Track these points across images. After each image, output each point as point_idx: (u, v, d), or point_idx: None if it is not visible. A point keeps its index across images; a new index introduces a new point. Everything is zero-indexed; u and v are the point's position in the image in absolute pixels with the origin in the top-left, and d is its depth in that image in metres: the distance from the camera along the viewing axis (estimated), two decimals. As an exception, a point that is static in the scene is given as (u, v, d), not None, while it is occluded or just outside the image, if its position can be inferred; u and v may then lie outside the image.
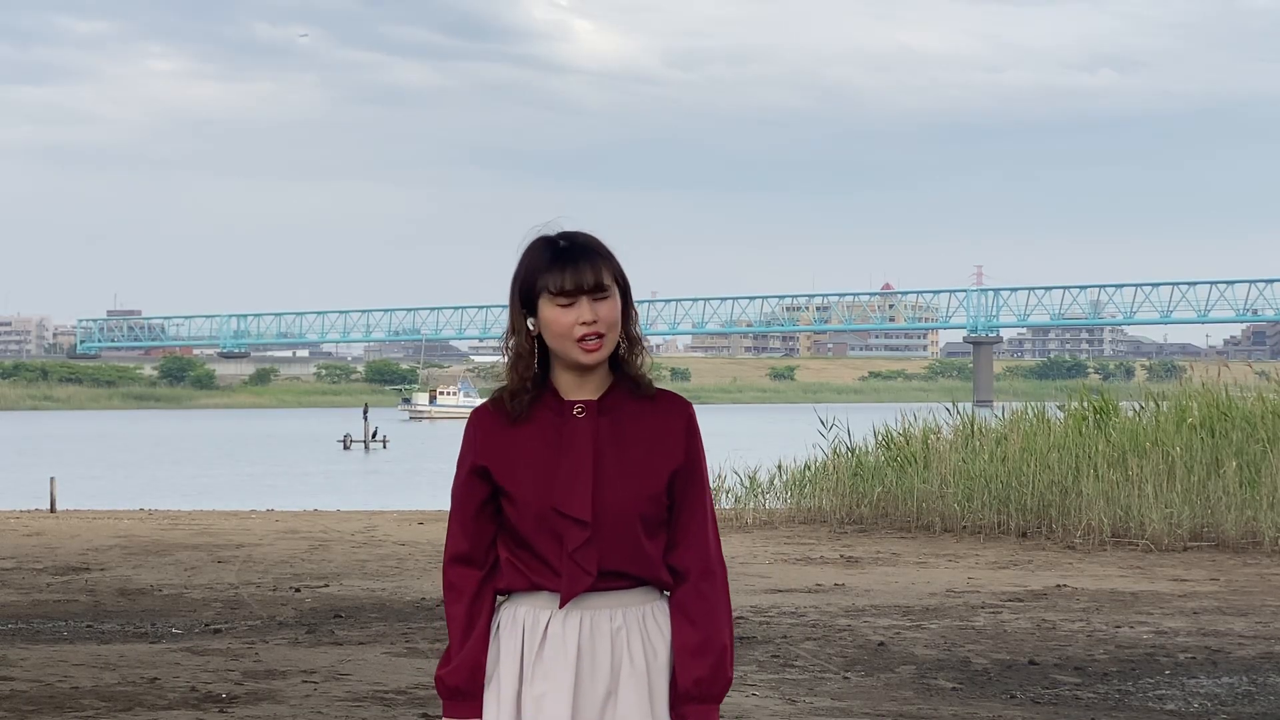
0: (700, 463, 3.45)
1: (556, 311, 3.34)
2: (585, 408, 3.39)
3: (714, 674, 3.38)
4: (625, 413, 3.40)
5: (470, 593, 3.43)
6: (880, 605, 12.89)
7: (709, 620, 3.39)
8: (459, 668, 3.44)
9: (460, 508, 3.45)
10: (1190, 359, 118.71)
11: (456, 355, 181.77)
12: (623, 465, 3.37)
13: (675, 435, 3.41)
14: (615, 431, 3.39)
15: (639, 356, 3.42)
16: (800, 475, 21.29)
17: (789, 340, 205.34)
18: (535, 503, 3.35)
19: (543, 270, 3.36)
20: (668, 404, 3.43)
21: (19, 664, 10.00)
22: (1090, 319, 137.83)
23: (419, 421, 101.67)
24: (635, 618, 3.38)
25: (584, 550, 3.33)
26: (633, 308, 3.42)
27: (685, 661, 3.37)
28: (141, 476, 40.79)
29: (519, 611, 3.40)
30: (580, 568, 3.33)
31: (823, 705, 8.84)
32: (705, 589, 3.40)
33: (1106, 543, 17.30)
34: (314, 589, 13.96)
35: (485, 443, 3.42)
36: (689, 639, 3.38)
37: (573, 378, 3.40)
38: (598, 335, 3.33)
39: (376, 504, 28.12)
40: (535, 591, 3.38)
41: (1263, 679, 9.75)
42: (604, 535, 3.34)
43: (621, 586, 3.37)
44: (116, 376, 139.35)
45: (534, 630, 3.38)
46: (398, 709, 8.64)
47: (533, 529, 3.36)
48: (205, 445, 62.36)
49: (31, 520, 21.97)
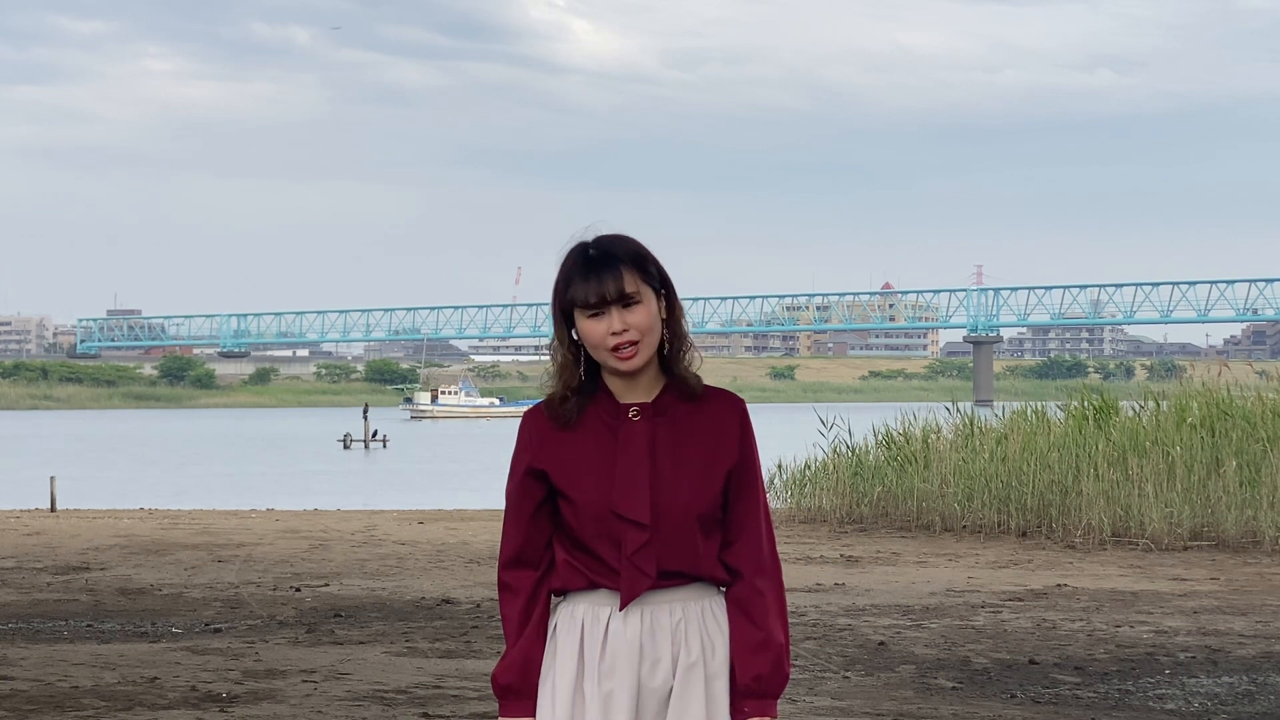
0: (754, 460, 3.45)
1: (588, 324, 3.34)
2: (640, 410, 3.39)
3: (774, 670, 3.40)
4: (680, 413, 3.40)
5: (526, 593, 3.43)
6: (880, 605, 12.89)
7: (766, 617, 3.40)
8: (510, 665, 3.42)
9: (516, 510, 3.44)
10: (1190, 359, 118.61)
11: (457, 355, 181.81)
12: (679, 466, 3.37)
13: (730, 434, 3.41)
14: (671, 433, 3.39)
15: (685, 354, 3.41)
16: (800, 475, 21.31)
17: (789, 340, 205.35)
18: (594, 506, 3.35)
19: (573, 283, 3.36)
20: (720, 402, 3.43)
21: (19, 664, 10.00)
22: (1090, 319, 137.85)
23: (421, 421, 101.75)
24: (694, 613, 3.39)
25: (643, 553, 3.34)
26: (678, 305, 3.41)
27: (745, 658, 3.39)
28: (141, 476, 40.79)
29: (577, 610, 3.40)
30: (639, 570, 3.34)
31: (823, 705, 8.84)
32: (762, 586, 3.42)
33: (1106, 542, 17.30)
34: (314, 588, 13.96)
35: (541, 445, 3.41)
36: (748, 636, 3.40)
37: (622, 382, 3.40)
38: (631, 343, 3.33)
39: (376, 504, 28.12)
40: (594, 590, 3.39)
41: (1263, 678, 9.75)
42: (663, 537, 3.35)
43: (679, 584, 3.39)
44: (116, 376, 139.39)
45: (594, 628, 3.38)
46: (398, 709, 8.64)
47: (591, 532, 3.36)
48: (205, 445, 62.36)
49: (31, 520, 21.97)
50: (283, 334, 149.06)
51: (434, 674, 9.70)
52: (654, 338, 3.36)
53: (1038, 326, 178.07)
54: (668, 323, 3.39)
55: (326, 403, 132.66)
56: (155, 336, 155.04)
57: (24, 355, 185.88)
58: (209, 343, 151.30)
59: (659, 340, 3.37)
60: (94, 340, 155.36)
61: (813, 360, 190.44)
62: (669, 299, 3.39)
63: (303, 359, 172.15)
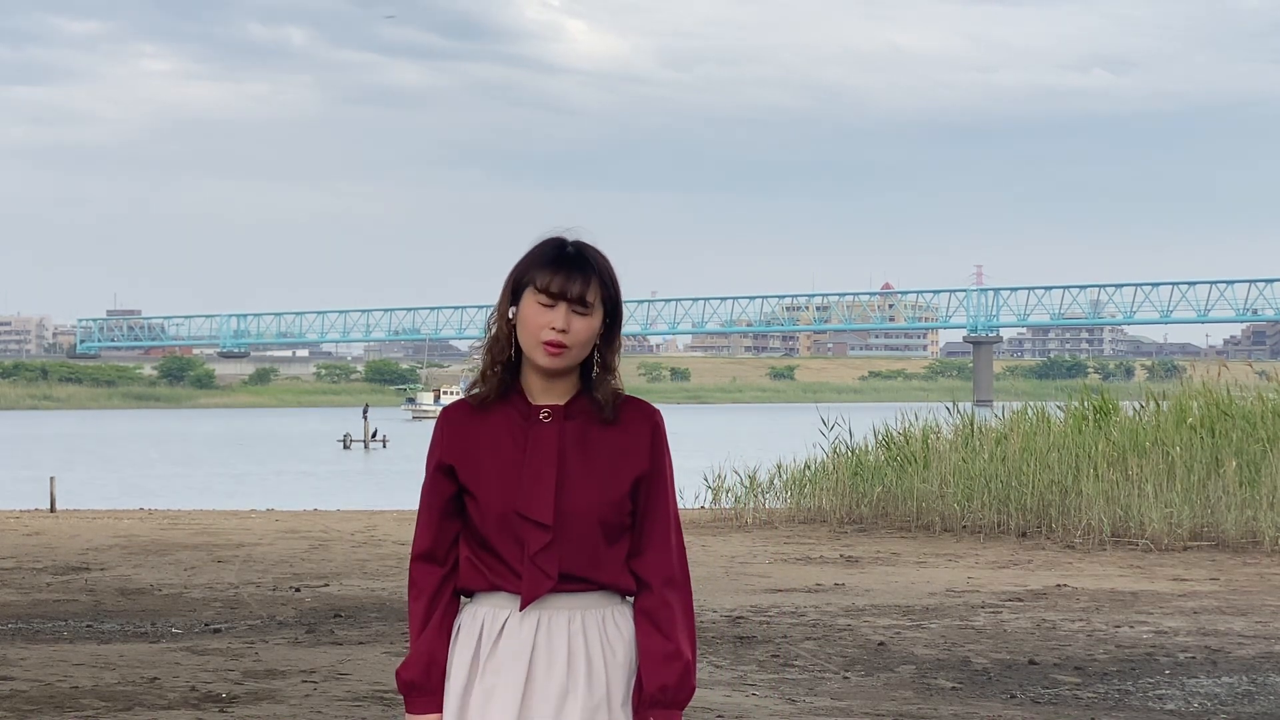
0: (665, 470, 3.45)
1: (535, 308, 3.36)
2: (552, 412, 3.41)
3: (680, 681, 3.40)
4: (591, 419, 3.42)
5: (431, 590, 3.45)
6: (880, 605, 12.89)
7: (674, 629, 3.41)
8: (413, 661, 3.44)
9: (427, 505, 3.47)
10: (1190, 359, 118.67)
11: (457, 355, 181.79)
12: (586, 470, 3.38)
13: (640, 442, 3.42)
14: (580, 437, 3.40)
15: (607, 383, 3.42)
16: (800, 475, 21.29)
17: (789, 340, 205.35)
18: (497, 504, 3.37)
19: (539, 266, 3.38)
20: (634, 410, 3.44)
21: (19, 664, 10.00)
22: (1090, 319, 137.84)
23: (422, 421, 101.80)
24: (594, 620, 3.40)
25: (545, 554, 3.35)
26: (618, 338, 3.44)
27: (651, 668, 3.40)
28: (141, 476, 40.79)
29: (479, 611, 3.42)
30: (541, 571, 3.35)
31: (823, 705, 8.84)
32: (670, 597, 3.42)
33: (1106, 542, 17.30)
34: (314, 589, 13.96)
35: (452, 441, 3.43)
36: (655, 646, 3.40)
37: (540, 381, 3.41)
38: (563, 345, 3.35)
39: (376, 504, 28.13)
40: (495, 592, 3.41)
41: (1263, 679, 9.75)
42: (565, 539, 3.36)
43: (581, 590, 3.39)
44: (116, 376, 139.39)
45: (491, 628, 3.40)
46: (397, 709, 8.63)
47: (494, 530, 3.38)
48: (205, 445, 62.36)
49: (31, 520, 21.97)
50: (283, 334, 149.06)
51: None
52: (583, 352, 3.38)
53: (1037, 327, 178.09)
54: (600, 348, 3.41)
55: (326, 403, 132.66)
56: (155, 337, 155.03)
57: (24, 355, 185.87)
58: (209, 343, 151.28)
59: (586, 356, 3.39)
60: (94, 340, 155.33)
61: (812, 360, 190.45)
62: (611, 328, 3.41)
63: (303, 359, 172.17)
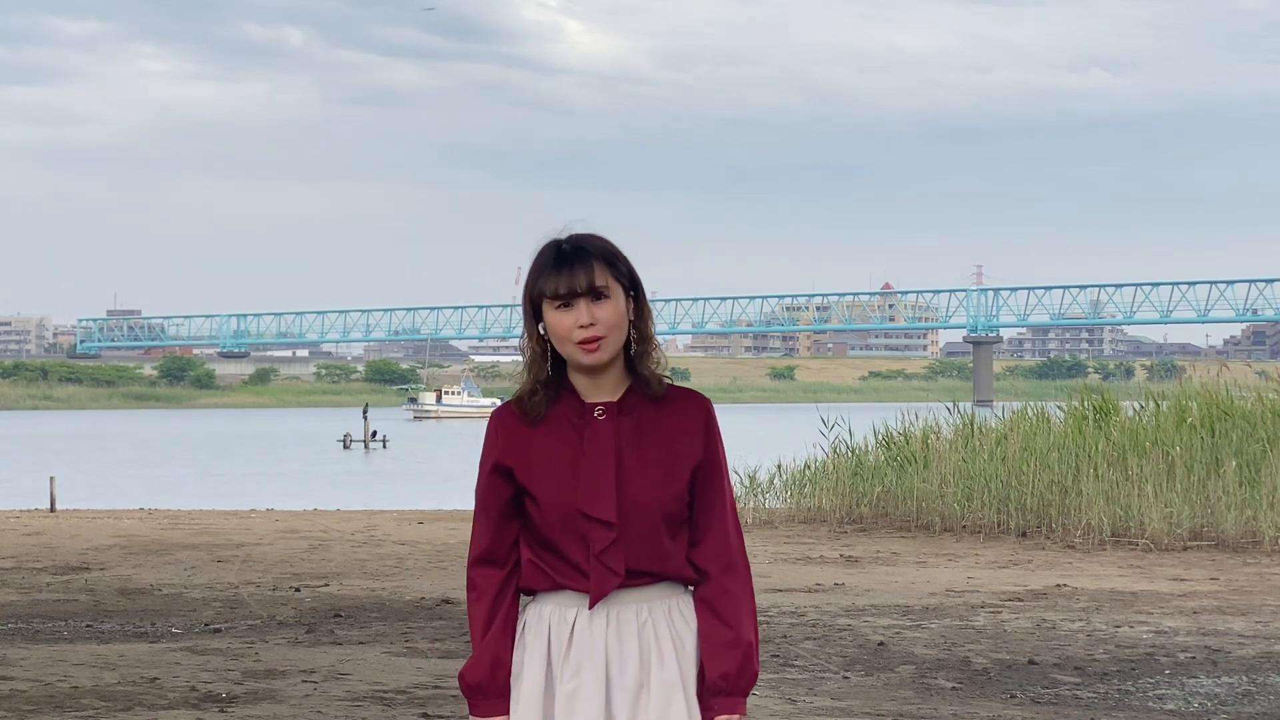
0: (720, 459, 3.47)
1: (556, 315, 3.36)
2: (605, 409, 3.41)
3: (742, 668, 3.41)
4: (645, 412, 3.42)
5: (492, 592, 3.44)
6: (880, 605, 12.89)
7: (735, 615, 3.42)
8: (477, 663, 3.43)
9: (484, 508, 3.46)
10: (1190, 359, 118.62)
11: (457, 355, 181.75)
12: (644, 465, 3.39)
13: (695, 432, 3.43)
14: (636, 431, 3.41)
15: (651, 355, 3.43)
16: (800, 475, 21.29)
17: (789, 340, 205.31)
18: (559, 504, 3.37)
19: (543, 275, 3.39)
20: (686, 401, 3.46)
21: (19, 664, 10.00)
22: (1090, 319, 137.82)
23: (424, 421, 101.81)
24: (662, 612, 3.41)
25: (610, 551, 3.35)
26: (646, 306, 3.44)
27: (713, 656, 3.41)
28: (141, 476, 40.79)
29: (544, 611, 3.42)
30: (608, 569, 3.35)
31: (823, 705, 8.84)
32: (730, 584, 3.43)
33: (1106, 542, 17.30)
34: (314, 589, 13.96)
35: (508, 443, 3.43)
36: (716, 634, 3.41)
37: (587, 380, 3.42)
38: (597, 337, 3.35)
39: (376, 504, 28.13)
40: (559, 591, 3.40)
41: (1263, 679, 9.75)
42: (629, 535, 3.36)
43: (646, 583, 3.40)
44: (116, 376, 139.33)
45: (560, 629, 3.39)
46: (397, 709, 8.64)
47: (557, 530, 3.38)
48: (205, 445, 62.35)
49: (31, 520, 21.97)
50: (282, 334, 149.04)
51: (434, 674, 9.70)
52: (620, 334, 3.38)
53: (1037, 327, 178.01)
54: (635, 323, 3.41)
55: (326, 403, 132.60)
56: (155, 337, 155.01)
57: (24, 355, 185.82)
58: (209, 343, 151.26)
59: (625, 338, 3.40)
60: (94, 340, 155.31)
61: (812, 360, 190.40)
62: (637, 300, 3.42)
63: (302, 359, 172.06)
